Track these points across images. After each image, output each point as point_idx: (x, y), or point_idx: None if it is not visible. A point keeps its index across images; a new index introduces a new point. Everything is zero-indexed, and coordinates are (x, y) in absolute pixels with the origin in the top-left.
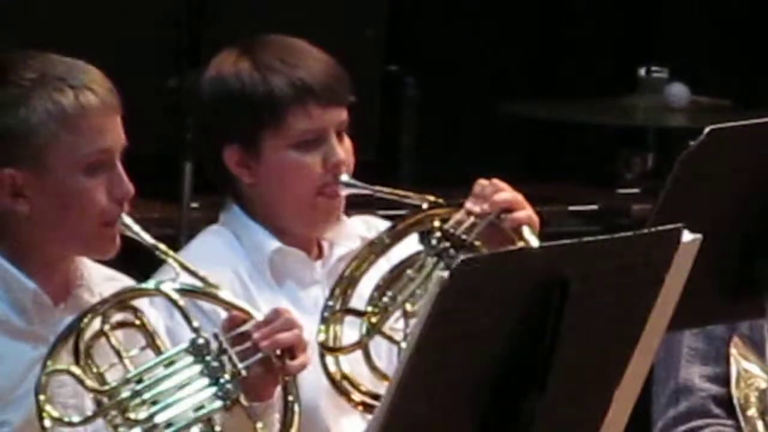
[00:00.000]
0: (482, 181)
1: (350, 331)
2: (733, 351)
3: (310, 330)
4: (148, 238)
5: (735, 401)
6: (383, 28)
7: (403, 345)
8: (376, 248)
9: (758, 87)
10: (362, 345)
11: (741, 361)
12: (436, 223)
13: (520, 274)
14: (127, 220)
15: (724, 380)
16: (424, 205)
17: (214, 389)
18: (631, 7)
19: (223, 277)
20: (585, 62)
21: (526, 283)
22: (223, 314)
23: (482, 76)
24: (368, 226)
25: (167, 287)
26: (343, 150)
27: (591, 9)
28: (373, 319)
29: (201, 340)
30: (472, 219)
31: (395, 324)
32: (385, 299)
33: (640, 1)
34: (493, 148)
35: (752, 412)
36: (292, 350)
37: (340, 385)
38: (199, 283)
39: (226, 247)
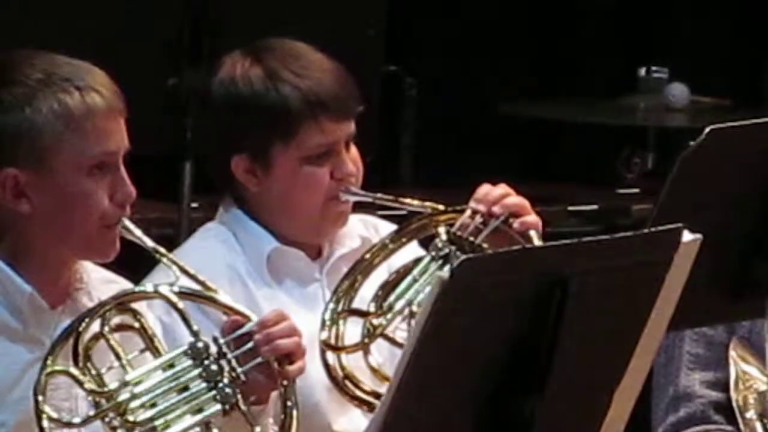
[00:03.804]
0: (487, 185)
1: (353, 328)
2: (732, 353)
3: (311, 326)
4: (148, 241)
5: (734, 403)
6: (383, 28)
7: None
8: (379, 251)
9: (758, 87)
10: (364, 346)
11: (740, 364)
12: (441, 228)
13: (520, 274)
14: (128, 223)
15: (725, 385)
16: (427, 211)
17: (213, 393)
18: (631, 8)
19: (221, 275)
20: (585, 62)
21: (526, 283)
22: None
23: (482, 76)
24: (366, 225)
25: (166, 290)
26: (351, 160)
27: (591, 9)
28: (375, 321)
29: (200, 344)
30: (477, 222)
31: (399, 324)
32: (389, 301)
33: (640, 1)
34: (493, 148)
35: (751, 414)
36: (290, 356)
37: (342, 383)
38: (198, 287)
39: (223, 245)
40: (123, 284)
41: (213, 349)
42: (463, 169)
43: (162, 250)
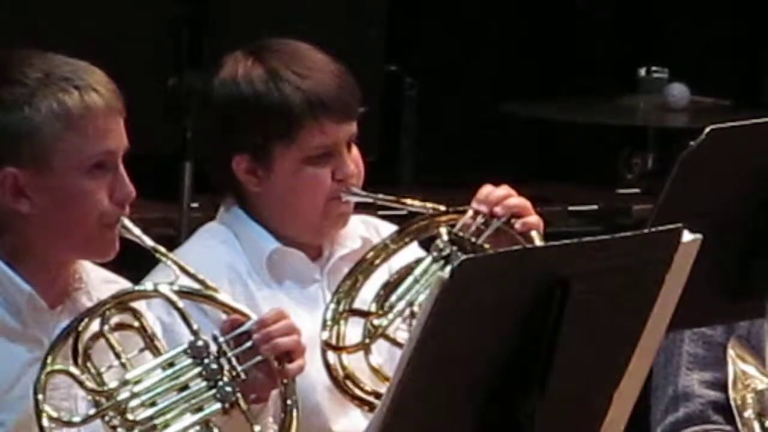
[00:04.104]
0: (489, 186)
1: (354, 328)
2: (730, 352)
3: (311, 326)
4: (147, 240)
5: (732, 402)
6: (383, 28)
7: None
8: (380, 252)
9: (758, 87)
10: (365, 346)
11: (738, 363)
12: (443, 229)
13: (520, 274)
14: (127, 222)
15: (724, 385)
16: (429, 212)
17: (213, 391)
18: (631, 8)
19: (221, 275)
20: (585, 62)
21: (526, 283)
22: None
23: (482, 76)
24: (367, 226)
25: (166, 289)
26: (352, 161)
27: (591, 9)
28: (376, 321)
29: (200, 343)
30: (479, 222)
31: (401, 325)
32: (390, 301)
33: (639, 1)
34: (494, 148)
35: (749, 413)
36: (290, 354)
37: (343, 383)
38: (197, 286)
39: (224, 245)
40: (123, 284)
41: (213, 347)
42: (463, 169)
43: (162, 249)
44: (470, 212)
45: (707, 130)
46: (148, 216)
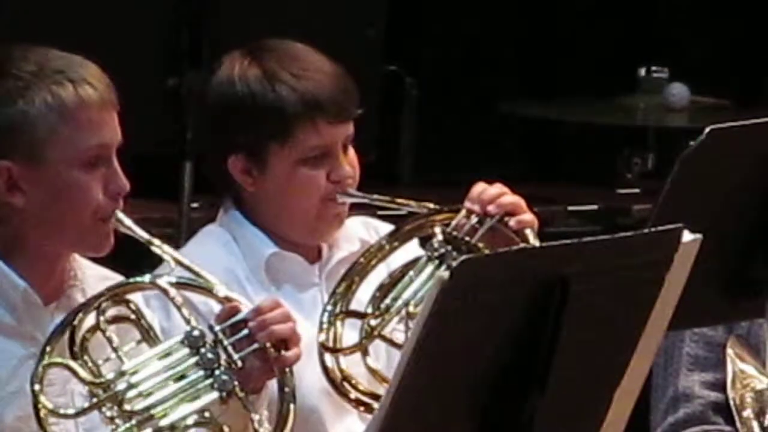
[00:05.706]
0: (482, 184)
1: (351, 331)
2: (729, 351)
3: (310, 331)
4: (142, 233)
5: (731, 402)
6: (383, 28)
7: None
8: (376, 253)
9: (758, 87)
10: (362, 347)
11: (737, 362)
12: (437, 228)
13: (520, 274)
14: (122, 216)
15: (724, 386)
16: (424, 211)
17: (209, 381)
18: (631, 7)
19: (219, 278)
20: (585, 62)
21: (526, 283)
22: (217, 310)
23: (482, 76)
24: (367, 228)
25: (162, 281)
26: (349, 163)
27: (590, 8)
28: (373, 322)
29: (196, 332)
30: (473, 221)
31: (397, 325)
32: (386, 301)
33: (640, 1)
34: (493, 148)
35: (748, 413)
36: (286, 342)
37: (340, 385)
38: (193, 276)
39: (223, 248)
40: (119, 280)
41: (209, 337)
42: (463, 169)
43: (156, 241)
44: (464, 211)
45: (707, 130)
46: (148, 216)
